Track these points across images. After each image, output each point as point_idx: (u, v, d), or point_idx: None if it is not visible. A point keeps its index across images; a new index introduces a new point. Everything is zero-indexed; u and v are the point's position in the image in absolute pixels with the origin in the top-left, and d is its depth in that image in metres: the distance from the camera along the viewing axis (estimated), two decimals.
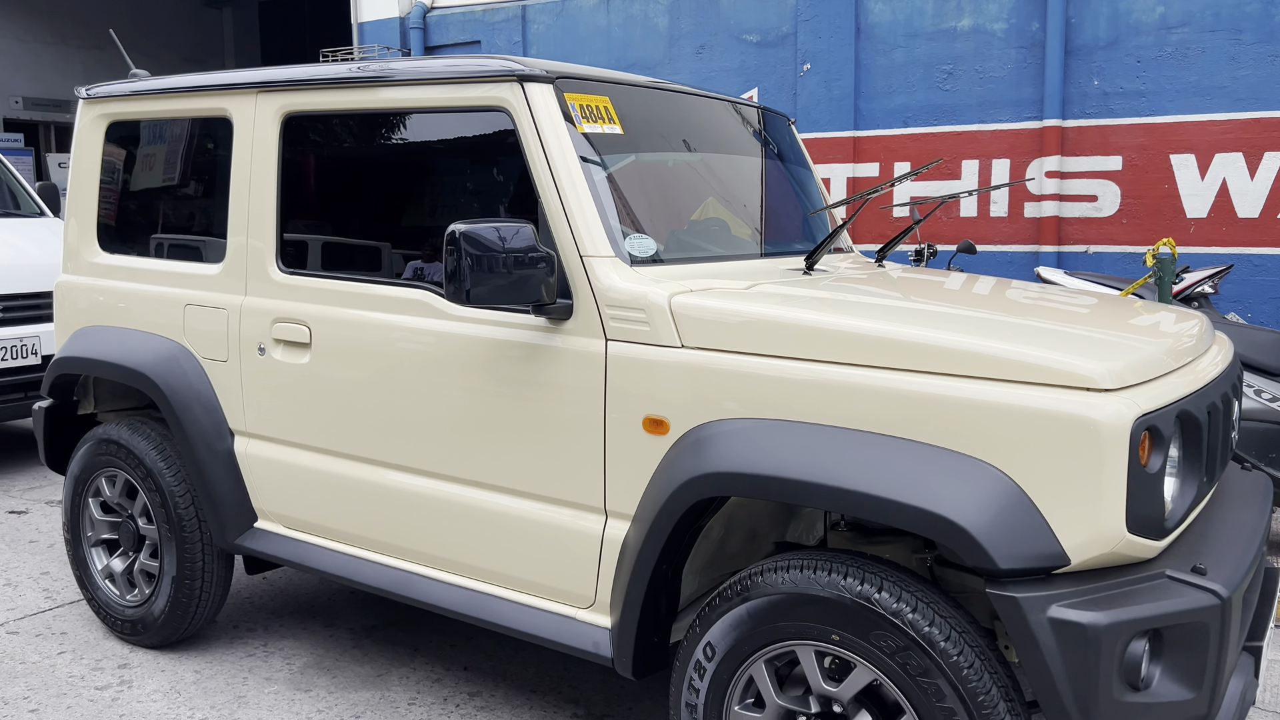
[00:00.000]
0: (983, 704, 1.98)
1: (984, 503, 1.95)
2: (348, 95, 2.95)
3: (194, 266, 3.37)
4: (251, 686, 3.33)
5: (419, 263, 2.87)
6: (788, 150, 3.59)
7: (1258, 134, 5.16)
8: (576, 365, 2.50)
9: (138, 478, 3.45)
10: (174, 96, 3.42)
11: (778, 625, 2.19)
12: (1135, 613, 1.91)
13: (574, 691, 3.29)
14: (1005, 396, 1.98)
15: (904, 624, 2.03)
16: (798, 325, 2.22)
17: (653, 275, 2.54)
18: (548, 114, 2.60)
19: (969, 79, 5.84)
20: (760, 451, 2.18)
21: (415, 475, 2.84)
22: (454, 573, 2.83)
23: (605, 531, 2.51)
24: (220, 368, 3.27)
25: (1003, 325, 2.20)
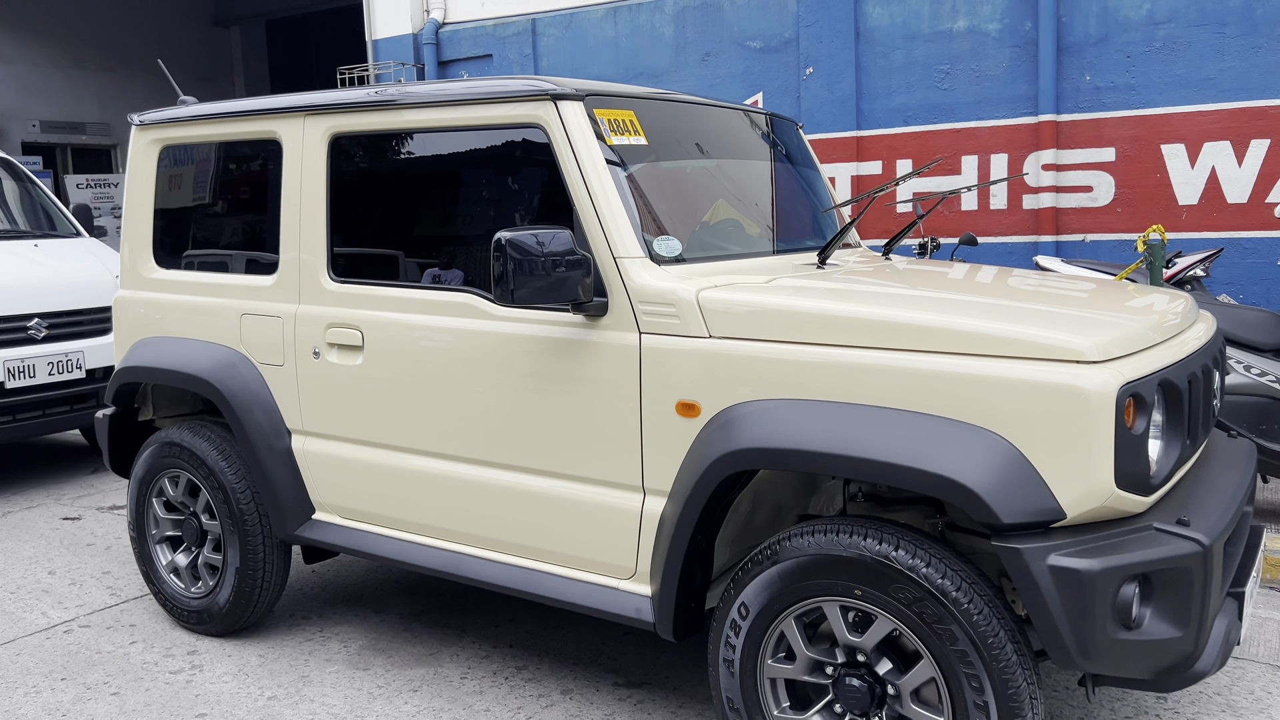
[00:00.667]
0: (992, 645, 2.22)
1: (987, 465, 2.19)
2: (392, 116, 3.20)
3: (248, 279, 3.62)
4: (314, 667, 3.58)
5: (437, 269, 3.12)
6: (796, 153, 3.83)
7: (1244, 123, 5.39)
8: (613, 357, 2.75)
9: (200, 477, 3.71)
10: (223, 121, 3.68)
11: (805, 584, 2.43)
12: (1125, 559, 2.15)
13: (613, 662, 3.54)
14: (1004, 371, 2.22)
15: (919, 577, 2.27)
16: (815, 314, 2.47)
17: (679, 273, 2.78)
18: (579, 129, 2.85)
19: (966, 78, 6.08)
20: (785, 428, 2.42)
21: (465, 464, 3.09)
22: (503, 552, 3.07)
23: (644, 508, 2.75)
24: (277, 372, 3.52)
25: (1000, 308, 2.44)
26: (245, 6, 15.43)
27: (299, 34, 15.92)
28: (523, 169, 3.02)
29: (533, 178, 3.01)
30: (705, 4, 6.88)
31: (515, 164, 3.03)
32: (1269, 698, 3.17)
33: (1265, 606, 3.89)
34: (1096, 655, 2.16)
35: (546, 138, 2.88)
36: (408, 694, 3.36)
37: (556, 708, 3.23)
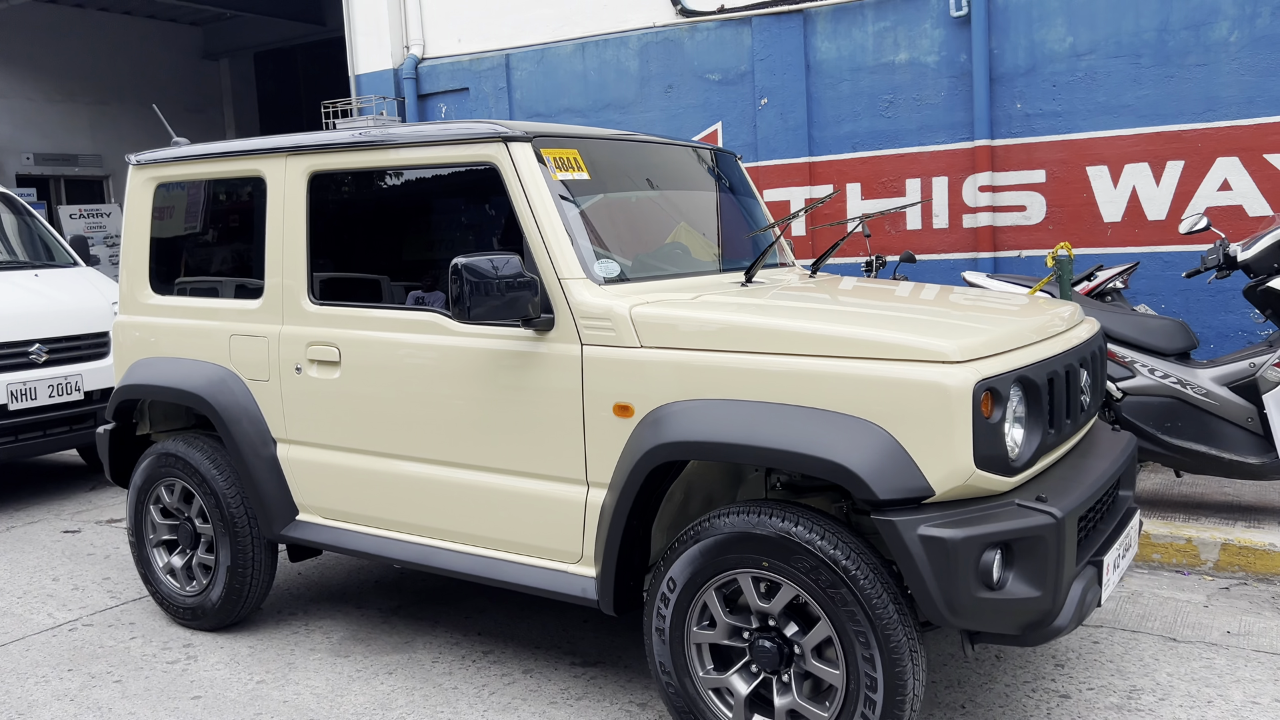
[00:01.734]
0: (876, 606, 2.60)
1: (867, 451, 2.58)
2: (363, 156, 3.59)
3: (236, 303, 4.00)
4: (299, 655, 3.93)
5: (420, 291, 3.50)
6: (737, 182, 4.23)
7: (1160, 146, 5.82)
8: (559, 366, 3.13)
9: (194, 484, 4.07)
10: (213, 160, 4.06)
11: (723, 558, 2.81)
12: (984, 529, 2.53)
13: (572, 645, 3.90)
14: (881, 370, 2.61)
15: (815, 549, 2.65)
16: (726, 324, 2.85)
17: (616, 291, 3.17)
18: (528, 167, 3.24)
19: (908, 106, 6.51)
20: (704, 424, 2.80)
21: (432, 464, 3.46)
22: (466, 543, 3.44)
23: (587, 498, 3.12)
24: (263, 386, 3.89)
25: (885, 317, 2.83)
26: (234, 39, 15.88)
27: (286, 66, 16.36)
28: (480, 202, 3.41)
29: (489, 209, 3.40)
30: (667, 39, 7.31)
31: (473, 197, 3.42)
32: (1156, 664, 3.55)
33: (1168, 588, 4.27)
34: (963, 612, 2.53)
35: (499, 175, 3.27)
36: (384, 676, 3.71)
37: (518, 684, 3.59)
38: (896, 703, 2.61)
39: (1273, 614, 3.95)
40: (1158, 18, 5.76)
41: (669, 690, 2.97)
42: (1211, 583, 4.32)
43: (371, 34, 8.50)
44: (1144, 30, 5.81)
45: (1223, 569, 4.40)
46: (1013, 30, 6.14)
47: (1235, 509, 4.86)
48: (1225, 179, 5.66)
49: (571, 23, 7.71)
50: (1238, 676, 3.42)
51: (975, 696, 3.36)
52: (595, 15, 7.60)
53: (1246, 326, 5.67)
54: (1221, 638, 3.75)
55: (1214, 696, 3.29)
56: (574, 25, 7.70)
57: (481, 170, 3.34)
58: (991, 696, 3.35)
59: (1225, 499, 5.03)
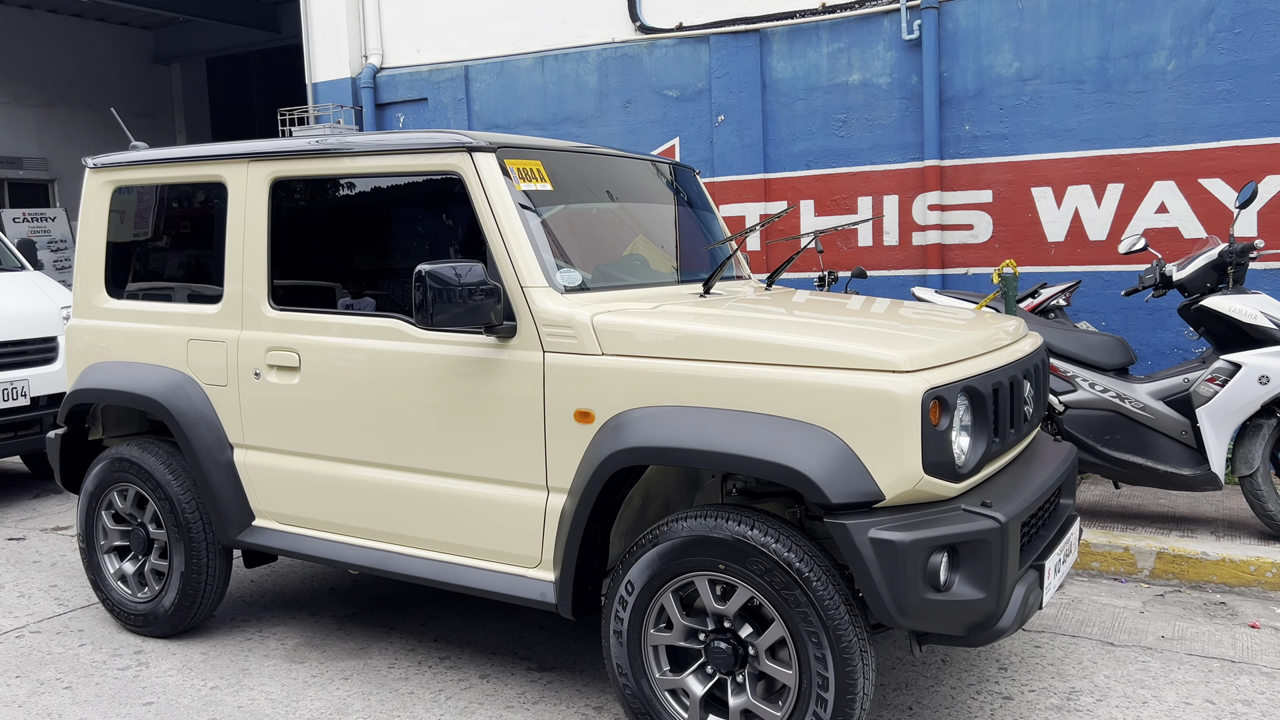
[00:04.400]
0: (828, 607, 2.68)
1: (820, 456, 2.66)
2: (328, 163, 3.62)
3: (195, 307, 3.99)
4: (253, 662, 3.92)
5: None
6: (695, 197, 4.32)
7: (1101, 169, 6.03)
8: (521, 373, 3.18)
9: (148, 489, 4.04)
10: (173, 165, 4.06)
11: (680, 561, 2.87)
12: (932, 533, 2.63)
13: (528, 651, 3.93)
14: (833, 379, 2.70)
15: (770, 552, 2.73)
16: (686, 333, 2.93)
17: (578, 300, 3.23)
18: (492, 177, 3.29)
19: (860, 126, 6.67)
20: (663, 429, 2.87)
21: (391, 470, 3.49)
22: (425, 548, 3.47)
23: (548, 504, 3.18)
24: (220, 391, 3.89)
25: (838, 328, 2.93)
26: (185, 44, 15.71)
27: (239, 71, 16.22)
28: (443, 211, 3.45)
29: (452, 218, 3.44)
30: (626, 55, 7.41)
31: (437, 206, 3.46)
32: (1094, 667, 3.68)
33: (1106, 594, 4.42)
34: (911, 613, 2.62)
35: (463, 184, 3.32)
36: (339, 682, 3.72)
37: (474, 689, 3.62)
38: (847, 701, 2.69)
39: (1204, 620, 4.11)
40: (1099, 46, 5.98)
41: (626, 692, 3.02)
42: (1147, 589, 4.47)
43: (329, 42, 8.49)
44: (1086, 58, 6.02)
45: (1158, 576, 4.56)
46: (962, 54, 6.33)
47: (1170, 519, 5.04)
48: (1162, 202, 5.88)
49: (531, 36, 7.79)
50: (1171, 679, 3.56)
51: (922, 699, 3.46)
52: (555, 29, 7.68)
53: (1181, 344, 5.88)
54: (1156, 642, 3.89)
55: (1149, 698, 3.42)
56: (534, 39, 7.77)
57: (446, 180, 3.39)
58: (938, 698, 3.46)
59: (1161, 509, 5.22)
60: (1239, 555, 4.43)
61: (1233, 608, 4.23)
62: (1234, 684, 3.50)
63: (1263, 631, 3.97)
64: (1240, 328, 4.48)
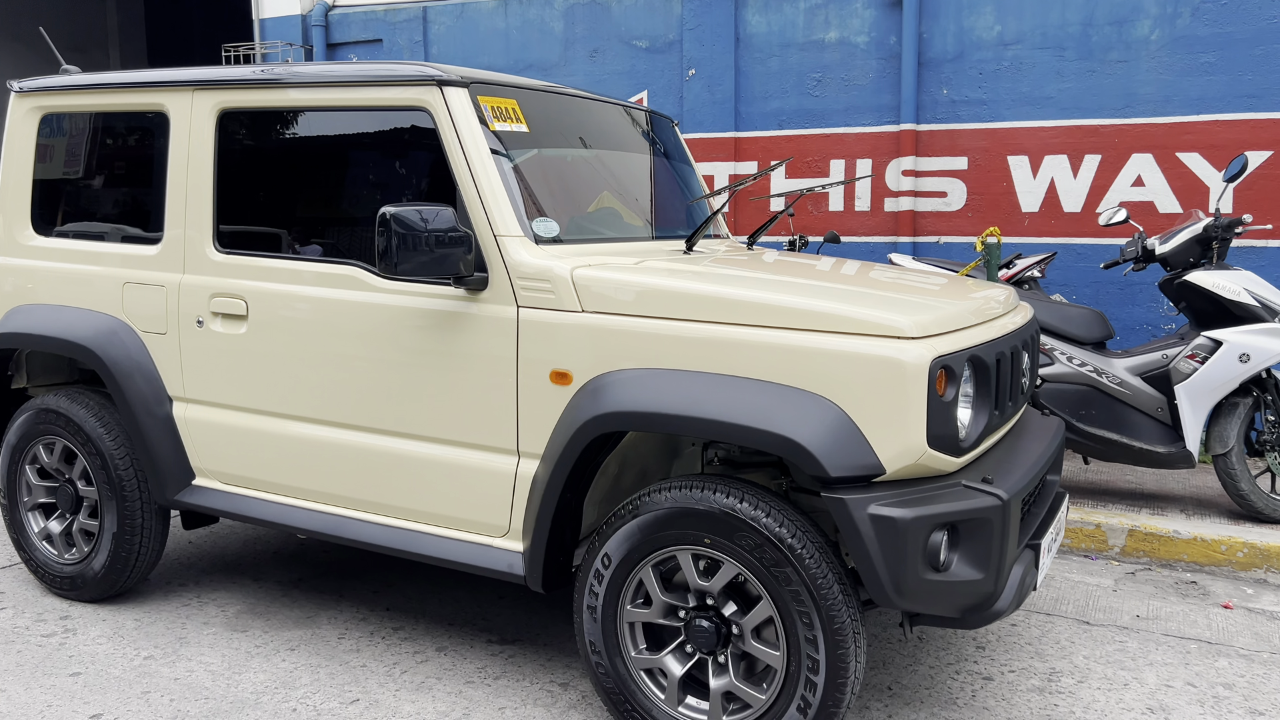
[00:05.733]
0: (821, 586, 2.51)
1: (818, 426, 2.48)
2: (282, 94, 3.32)
3: (131, 248, 3.67)
4: (191, 630, 3.66)
5: (345, 241, 3.27)
6: (673, 149, 4.09)
7: (1079, 139, 5.92)
8: (492, 329, 2.95)
9: (78, 443, 3.74)
10: (109, 92, 3.72)
11: (662, 534, 2.68)
12: (934, 509, 2.47)
13: (487, 623, 3.73)
14: (834, 344, 2.52)
15: (760, 526, 2.55)
16: (676, 291, 2.72)
17: (556, 252, 3.00)
18: (464, 114, 3.03)
19: (835, 86, 6.47)
20: (648, 394, 2.67)
21: (348, 430, 3.24)
22: (383, 514, 3.23)
23: (518, 469, 2.96)
24: (159, 340, 3.59)
25: (837, 291, 2.74)
26: None
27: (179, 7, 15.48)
28: (408, 150, 3.18)
29: (418, 159, 3.18)
30: (594, 2, 7.11)
31: (401, 145, 3.19)
32: (1071, 646, 3.59)
33: (1078, 572, 4.35)
34: (909, 594, 2.47)
35: (432, 121, 3.06)
36: (285, 653, 3.48)
37: (431, 663, 3.41)
38: (838, 685, 2.54)
39: (1177, 599, 4.05)
40: (1083, 11, 5.84)
41: (599, 670, 2.84)
42: (1118, 567, 4.41)
43: None
44: (1069, 23, 5.88)
45: (1128, 554, 4.50)
46: (943, 15, 6.15)
47: (1138, 496, 4.98)
48: (1139, 175, 5.79)
49: None
50: (1150, 660, 3.48)
51: (901, 678, 3.33)
52: None
53: (1151, 319, 5.83)
54: (1131, 621, 3.82)
55: (1129, 679, 3.33)
56: None
57: (412, 115, 3.12)
58: (917, 678, 3.33)
59: (1128, 486, 5.17)
60: (1210, 535, 4.37)
61: (1204, 587, 4.18)
62: (1213, 666, 3.43)
63: (1236, 613, 3.92)
64: (1223, 304, 4.39)
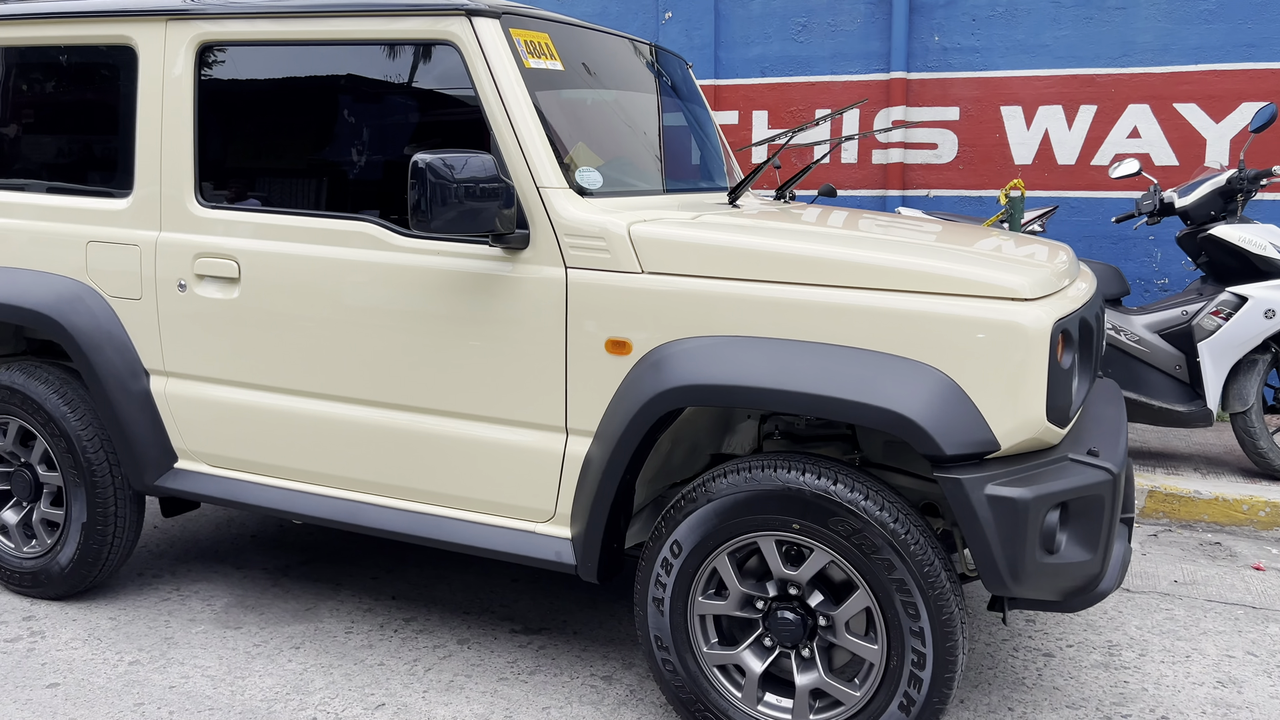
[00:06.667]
0: (928, 574, 2.29)
1: (929, 399, 2.24)
2: (276, 25, 2.91)
3: (95, 202, 3.23)
4: (176, 628, 3.30)
5: (354, 193, 2.90)
6: (691, 93, 3.78)
7: (1075, 89, 5.76)
8: (536, 292, 2.63)
9: (37, 424, 3.31)
10: (61, 22, 3.24)
11: (741, 520, 2.42)
12: (1052, 488, 2.26)
13: (506, 610, 3.44)
14: (944, 307, 2.27)
15: (859, 510, 2.31)
16: (754, 250, 2.43)
17: (604, 206, 2.68)
18: (496, 49, 2.68)
19: (821, 32, 6.19)
20: (726, 364, 2.39)
21: (364, 406, 2.89)
22: (406, 499, 2.91)
23: (566, 448, 2.66)
24: (132, 306, 3.17)
25: (931, 248, 2.49)
26: None
27: None
28: (429, 90, 2.82)
29: (440, 100, 2.82)
30: None
31: (420, 84, 2.82)
32: (1120, 616, 3.46)
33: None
34: (1025, 579, 2.26)
35: (460, 56, 2.70)
36: (290, 651, 3.15)
37: (455, 658, 3.11)
38: (945, 680, 2.33)
39: (1206, 561, 3.97)
40: None
41: (666, 669, 2.58)
42: (1139, 529, 4.31)
43: None
44: None
45: (1147, 515, 4.41)
46: None
47: (1147, 455, 4.90)
48: (1135, 126, 5.67)
49: None
50: (1203, 628, 3.37)
51: None
52: None
53: (1144, 274, 5.74)
54: (1171, 587, 3.71)
55: (1189, 650, 3.21)
56: None
57: (435, 50, 2.75)
58: (976, 658, 3.16)
59: (1135, 445, 5.09)
60: (1231, 494, 4.30)
61: (1229, 549, 4.10)
62: (1266, 633, 3.34)
63: (1268, 574, 3.85)
64: (1249, 259, 4.29)
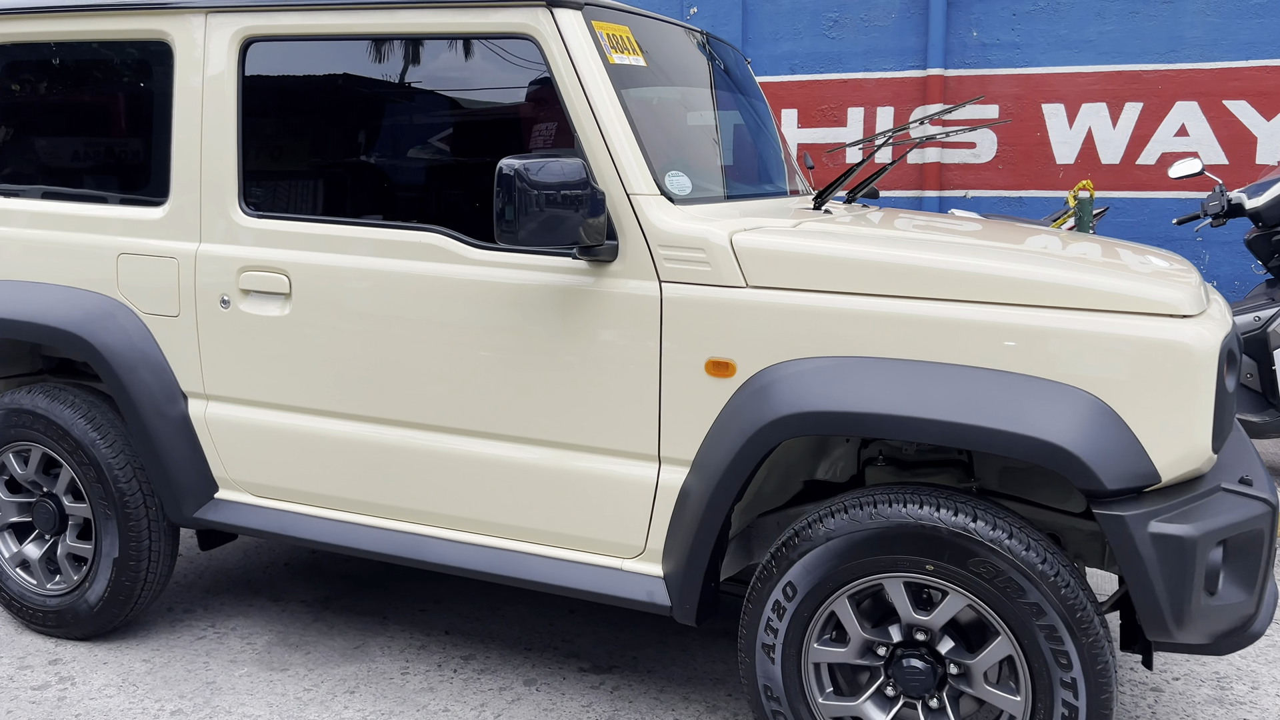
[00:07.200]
0: (1081, 619, 2.08)
1: (1084, 427, 2.03)
2: (329, 19, 2.67)
3: (126, 211, 2.98)
4: (217, 671, 3.05)
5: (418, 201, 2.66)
6: (754, 90, 3.56)
7: (1120, 85, 5.59)
8: (626, 309, 2.40)
9: (64, 451, 3.05)
10: (87, 16, 2.99)
11: (867, 560, 2.21)
12: (1216, 523, 2.06)
13: (570, 646, 3.21)
14: (1097, 324, 2.06)
15: (1003, 549, 2.10)
16: (884, 263, 2.22)
17: (697, 214, 2.46)
18: (580, 43, 2.45)
19: (854, 27, 5.99)
20: (852, 389, 2.17)
21: (432, 432, 2.66)
22: (476, 532, 2.68)
23: (659, 479, 2.44)
24: (169, 324, 2.93)
25: (1070, 259, 2.28)
26: None
27: None
28: (502, 88, 2.59)
29: (514, 99, 2.59)
30: None
31: (493, 82, 2.59)
32: None
33: None
34: (1189, 623, 2.06)
35: (539, 51, 2.47)
36: (345, 697, 2.90)
37: (524, 702, 2.88)
38: None
39: None
40: None
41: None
42: None
43: None
44: None
45: None
46: None
47: None
48: (1183, 124, 5.50)
49: None
50: None
51: None
52: None
53: None
54: None
55: None
56: None
57: (511, 45, 2.52)
58: None
59: None
60: None
61: None
62: None
63: None
64: None
